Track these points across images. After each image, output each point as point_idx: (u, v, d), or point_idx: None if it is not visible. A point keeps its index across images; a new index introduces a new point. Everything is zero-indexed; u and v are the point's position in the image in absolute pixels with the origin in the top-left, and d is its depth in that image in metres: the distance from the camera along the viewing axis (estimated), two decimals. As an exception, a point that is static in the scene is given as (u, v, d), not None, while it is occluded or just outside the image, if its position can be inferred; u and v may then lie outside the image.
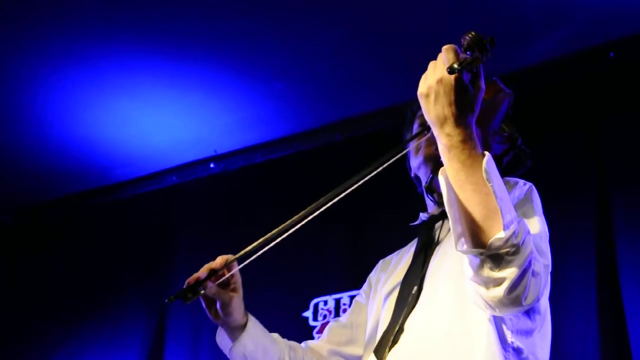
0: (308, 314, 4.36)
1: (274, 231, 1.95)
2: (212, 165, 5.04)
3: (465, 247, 1.62)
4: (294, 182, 4.72)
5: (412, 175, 2.27)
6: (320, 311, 4.34)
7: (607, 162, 3.72)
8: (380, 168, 1.88)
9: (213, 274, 2.04)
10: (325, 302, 4.35)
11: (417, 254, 2.11)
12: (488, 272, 1.58)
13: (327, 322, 3.98)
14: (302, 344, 2.33)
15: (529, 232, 1.63)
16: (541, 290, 1.66)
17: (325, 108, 4.53)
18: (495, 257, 1.57)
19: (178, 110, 4.56)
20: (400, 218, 2.39)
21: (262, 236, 2.01)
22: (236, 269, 2.10)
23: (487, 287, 1.61)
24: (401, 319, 1.95)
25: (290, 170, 4.81)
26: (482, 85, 1.62)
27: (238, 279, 2.12)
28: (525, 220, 1.68)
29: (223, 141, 4.88)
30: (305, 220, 1.91)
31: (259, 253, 1.99)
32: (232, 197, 4.98)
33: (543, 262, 1.68)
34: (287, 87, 4.37)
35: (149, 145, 4.90)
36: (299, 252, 4.29)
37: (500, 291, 1.59)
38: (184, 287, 2.03)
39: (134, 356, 4.89)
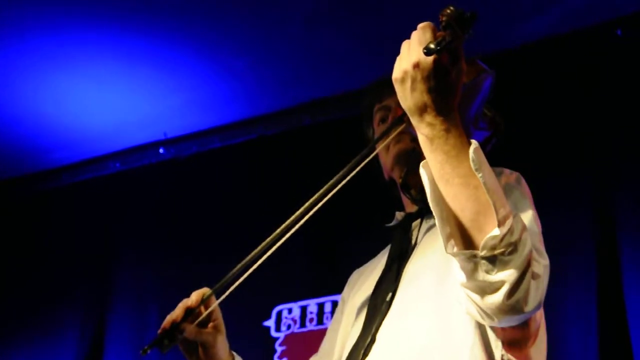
0: (270, 323, 4.34)
1: (249, 256, 1.91)
2: (161, 151, 5.00)
3: (455, 249, 1.59)
4: (255, 171, 4.73)
5: (387, 177, 2.24)
6: (284, 320, 4.32)
7: (610, 155, 3.70)
8: (349, 176, 1.84)
9: (190, 313, 1.99)
10: (290, 310, 4.33)
11: (392, 257, 2.08)
12: (483, 275, 1.55)
13: (292, 333, 4.27)
14: None
15: (525, 227, 1.61)
16: (543, 294, 1.63)
17: (291, 89, 4.53)
18: (490, 258, 1.55)
19: (123, 87, 4.54)
20: (371, 220, 2.43)
21: (236, 258, 1.95)
22: (215, 303, 2.03)
23: (483, 294, 1.57)
24: (373, 329, 1.91)
25: (251, 158, 4.78)
26: (464, 66, 1.61)
27: (219, 314, 2.06)
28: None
29: (174, 123, 4.85)
30: (280, 242, 1.88)
31: (237, 282, 1.94)
32: (184, 187, 4.94)
33: (543, 263, 1.65)
34: (248, 65, 4.38)
35: (89, 126, 4.85)
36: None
37: (498, 297, 1.56)
38: (159, 332, 1.97)
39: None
